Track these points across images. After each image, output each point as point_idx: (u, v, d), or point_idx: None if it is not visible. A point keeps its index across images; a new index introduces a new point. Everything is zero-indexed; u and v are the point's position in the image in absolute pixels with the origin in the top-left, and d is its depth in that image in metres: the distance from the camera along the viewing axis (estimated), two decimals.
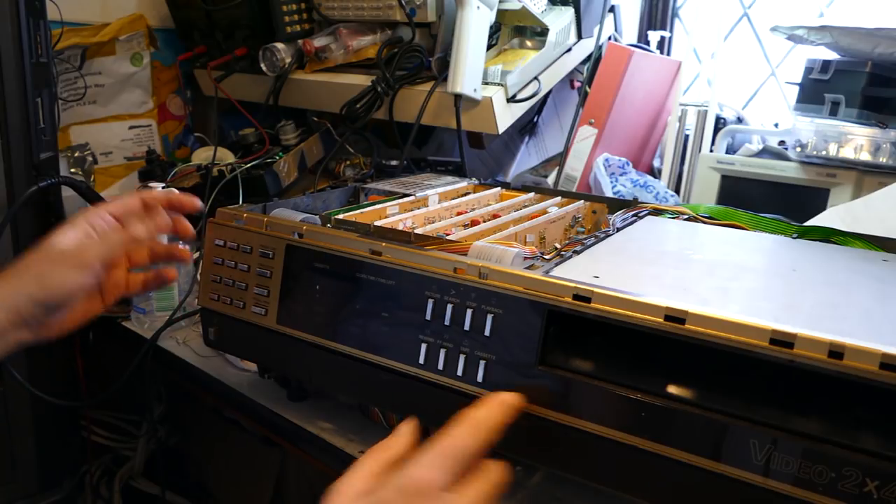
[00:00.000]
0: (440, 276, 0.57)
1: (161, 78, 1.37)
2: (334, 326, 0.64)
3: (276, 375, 0.79)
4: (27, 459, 0.95)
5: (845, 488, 0.42)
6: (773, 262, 0.66)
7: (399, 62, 1.14)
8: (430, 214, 0.79)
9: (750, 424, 0.45)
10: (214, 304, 0.72)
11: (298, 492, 0.93)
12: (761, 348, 0.44)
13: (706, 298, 0.51)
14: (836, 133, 1.00)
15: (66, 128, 1.27)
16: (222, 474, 1.12)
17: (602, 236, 0.68)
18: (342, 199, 0.89)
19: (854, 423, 0.43)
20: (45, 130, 0.92)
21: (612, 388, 0.50)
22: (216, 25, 1.30)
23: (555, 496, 0.62)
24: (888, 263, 0.64)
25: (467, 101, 1.08)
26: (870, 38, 0.93)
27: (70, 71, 1.24)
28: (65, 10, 1.16)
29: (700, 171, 1.15)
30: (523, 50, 1.20)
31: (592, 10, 1.24)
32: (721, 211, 0.79)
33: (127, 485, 1.20)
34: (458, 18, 1.05)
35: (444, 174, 1.07)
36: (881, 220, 0.83)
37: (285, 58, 1.23)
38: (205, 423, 1.12)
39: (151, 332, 0.92)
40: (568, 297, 0.51)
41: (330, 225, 0.69)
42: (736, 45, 1.36)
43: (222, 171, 1.14)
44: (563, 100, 1.42)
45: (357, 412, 0.74)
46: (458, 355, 0.56)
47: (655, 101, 1.29)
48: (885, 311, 0.51)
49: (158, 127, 1.37)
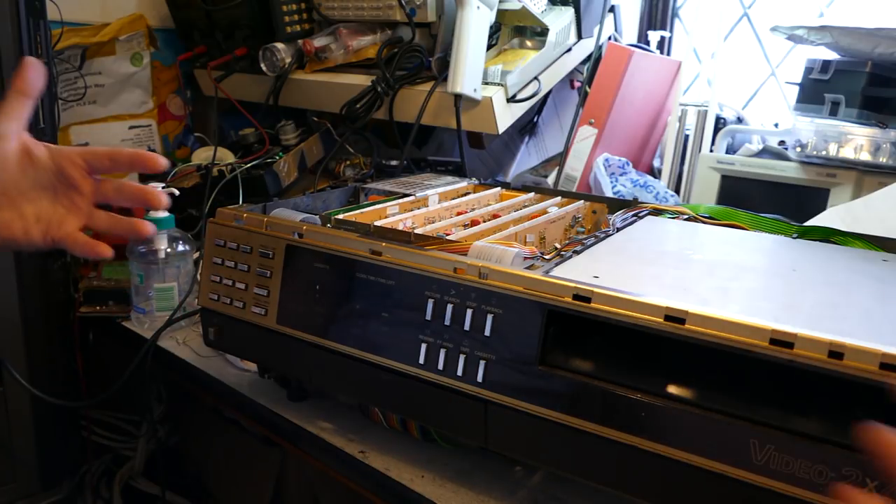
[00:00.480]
0: (440, 276, 0.57)
1: (161, 78, 1.37)
2: (334, 326, 0.64)
3: (276, 375, 0.79)
4: (27, 459, 0.95)
5: None
6: (773, 262, 0.66)
7: (399, 62, 1.14)
8: (430, 214, 0.79)
9: (750, 424, 0.45)
10: (214, 304, 0.72)
11: (298, 492, 0.93)
12: (761, 348, 0.44)
13: (706, 298, 0.51)
14: (836, 133, 1.00)
15: (66, 128, 1.26)
16: (222, 474, 1.12)
17: (602, 236, 0.68)
18: (342, 199, 0.89)
19: (854, 423, 0.43)
20: (45, 130, 0.92)
21: (612, 388, 0.50)
22: (216, 25, 1.30)
23: (555, 496, 0.62)
24: (888, 263, 0.64)
25: (467, 101, 1.08)
26: (870, 38, 0.93)
27: (70, 71, 1.24)
28: (65, 10, 1.16)
29: (700, 171, 1.15)
30: (523, 50, 1.20)
31: (592, 10, 1.24)
32: (721, 211, 0.79)
33: (127, 485, 1.20)
34: (458, 18, 1.05)
35: (444, 174, 1.07)
36: (881, 220, 0.83)
37: (285, 58, 1.23)
38: (205, 423, 1.12)
39: (151, 332, 0.92)
40: (568, 297, 0.51)
41: (330, 225, 0.69)
42: (736, 45, 1.36)
43: (222, 171, 1.14)
44: (563, 100, 1.42)
45: (357, 412, 0.74)
46: (458, 355, 0.56)
47: (655, 101, 1.29)
48: (885, 311, 0.51)
49: (158, 127, 1.37)
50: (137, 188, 0.62)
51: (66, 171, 0.59)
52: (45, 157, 0.59)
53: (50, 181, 0.59)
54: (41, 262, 0.94)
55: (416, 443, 0.69)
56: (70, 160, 0.59)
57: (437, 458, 0.67)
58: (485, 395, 0.55)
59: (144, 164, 0.60)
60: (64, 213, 0.60)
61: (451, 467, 0.66)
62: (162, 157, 0.60)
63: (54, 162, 0.59)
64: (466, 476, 0.65)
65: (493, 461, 0.66)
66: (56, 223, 0.60)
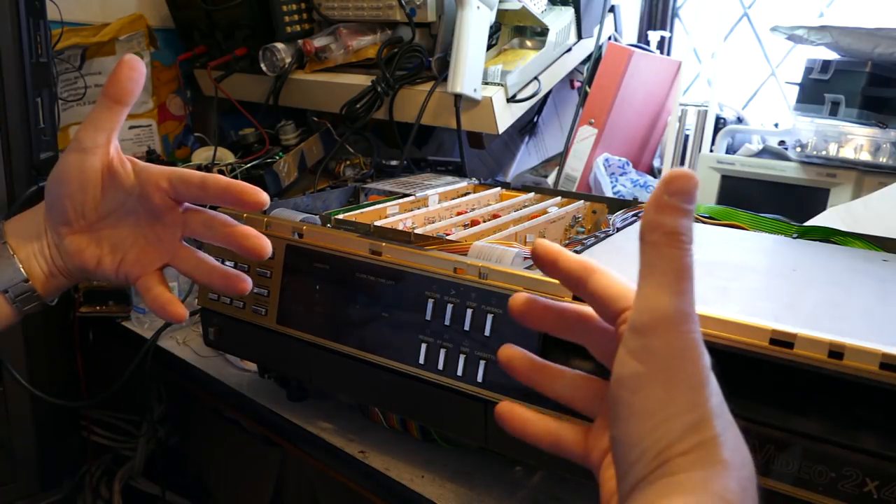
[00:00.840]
0: (440, 276, 0.57)
1: (161, 78, 1.37)
2: (334, 326, 0.64)
3: (276, 375, 0.79)
4: (27, 459, 0.95)
5: (845, 488, 0.42)
6: (773, 262, 0.66)
7: (399, 62, 1.14)
8: (430, 214, 0.79)
9: (750, 424, 0.45)
10: (214, 304, 0.72)
11: (298, 492, 0.93)
12: (761, 348, 0.44)
13: (706, 298, 0.51)
14: (836, 133, 1.00)
15: (66, 128, 1.26)
16: (222, 474, 1.12)
17: (602, 236, 0.68)
18: (342, 199, 0.89)
19: (854, 423, 0.43)
20: (45, 130, 0.92)
21: None
22: (216, 25, 1.30)
23: (555, 496, 0.62)
24: (888, 263, 0.64)
25: (467, 101, 1.08)
26: (870, 38, 0.93)
27: (70, 71, 1.24)
28: (65, 10, 1.16)
29: (700, 171, 1.15)
30: (523, 50, 1.20)
31: (592, 10, 1.24)
32: (721, 211, 0.79)
33: (127, 485, 1.20)
34: (458, 18, 1.05)
35: (444, 174, 1.06)
36: (881, 220, 0.83)
37: (285, 58, 1.23)
38: (205, 423, 1.12)
39: (151, 332, 0.92)
40: (568, 297, 0.51)
41: (330, 225, 0.69)
42: (736, 45, 1.36)
43: (222, 171, 1.14)
44: (563, 100, 1.42)
45: (357, 412, 0.74)
46: (458, 355, 0.56)
47: (655, 101, 1.29)
48: (885, 311, 0.51)
49: (158, 127, 1.37)
50: (233, 230, 0.51)
51: (150, 195, 0.50)
52: (131, 177, 0.50)
53: (133, 206, 0.51)
54: None
55: (416, 443, 0.69)
56: (155, 184, 0.50)
57: (437, 458, 0.67)
58: (485, 395, 0.55)
59: (240, 198, 0.48)
60: (144, 245, 0.52)
61: (451, 467, 0.66)
62: (262, 192, 0.48)
63: (140, 183, 0.50)
64: (466, 476, 0.65)
65: (493, 461, 0.66)
66: (134, 257, 0.52)
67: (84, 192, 0.50)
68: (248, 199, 0.48)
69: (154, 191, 0.50)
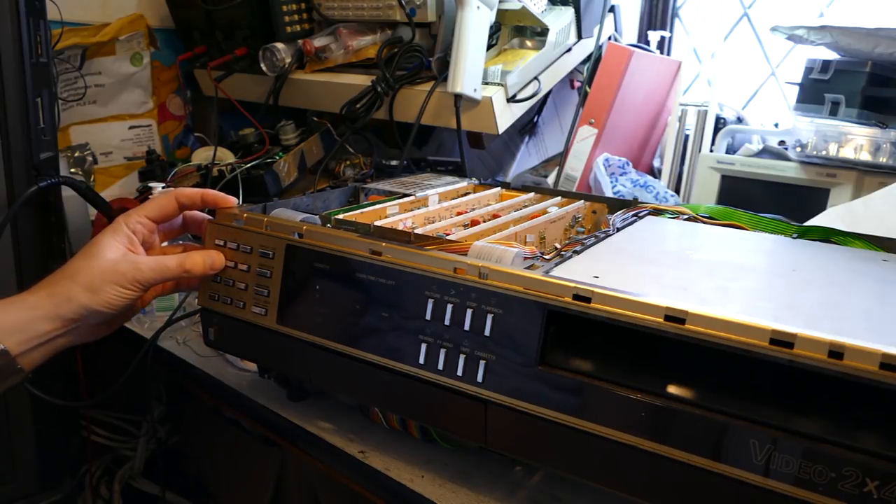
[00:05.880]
0: (440, 276, 0.57)
1: (161, 78, 1.37)
2: (334, 326, 0.64)
3: (276, 375, 0.78)
4: (27, 459, 0.95)
5: (845, 488, 0.42)
6: (773, 262, 0.66)
7: (399, 62, 1.14)
8: (430, 214, 0.79)
9: (750, 424, 0.45)
10: (214, 304, 0.72)
11: (298, 492, 0.93)
12: (761, 348, 0.44)
13: (706, 298, 0.51)
14: (836, 133, 1.00)
15: (66, 128, 1.27)
16: (222, 474, 1.12)
17: (602, 236, 0.68)
18: (342, 199, 0.89)
19: (854, 423, 0.43)
20: (45, 130, 0.92)
21: (612, 388, 0.50)
22: (216, 25, 1.30)
23: (555, 496, 0.62)
24: (888, 263, 0.64)
25: (467, 101, 1.08)
26: (870, 38, 0.94)
27: (70, 71, 1.24)
28: (65, 10, 1.16)
29: (700, 171, 1.15)
30: (523, 50, 1.20)
31: (592, 10, 1.24)
32: (721, 211, 0.79)
33: (127, 485, 1.20)
34: (458, 18, 1.05)
35: (444, 174, 1.06)
36: (881, 220, 0.83)
37: (285, 58, 1.23)
38: (205, 423, 1.12)
39: (151, 332, 0.92)
40: (568, 297, 0.51)
41: (330, 225, 0.69)
42: (736, 45, 1.36)
43: (222, 171, 1.14)
44: (563, 100, 1.42)
45: (357, 412, 0.74)
46: (458, 355, 0.56)
47: (655, 101, 1.29)
48: (885, 311, 0.51)
49: (158, 127, 1.38)
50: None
51: (147, 241, 0.68)
52: (147, 240, 0.67)
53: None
54: (41, 261, 0.94)
55: (416, 443, 0.69)
56: (146, 230, 0.67)
57: (437, 458, 0.67)
58: (485, 395, 0.55)
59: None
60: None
61: (451, 467, 0.66)
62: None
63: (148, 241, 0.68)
64: (466, 476, 0.65)
65: (493, 461, 0.66)
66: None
67: (98, 260, 0.64)
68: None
69: (148, 236, 0.69)
